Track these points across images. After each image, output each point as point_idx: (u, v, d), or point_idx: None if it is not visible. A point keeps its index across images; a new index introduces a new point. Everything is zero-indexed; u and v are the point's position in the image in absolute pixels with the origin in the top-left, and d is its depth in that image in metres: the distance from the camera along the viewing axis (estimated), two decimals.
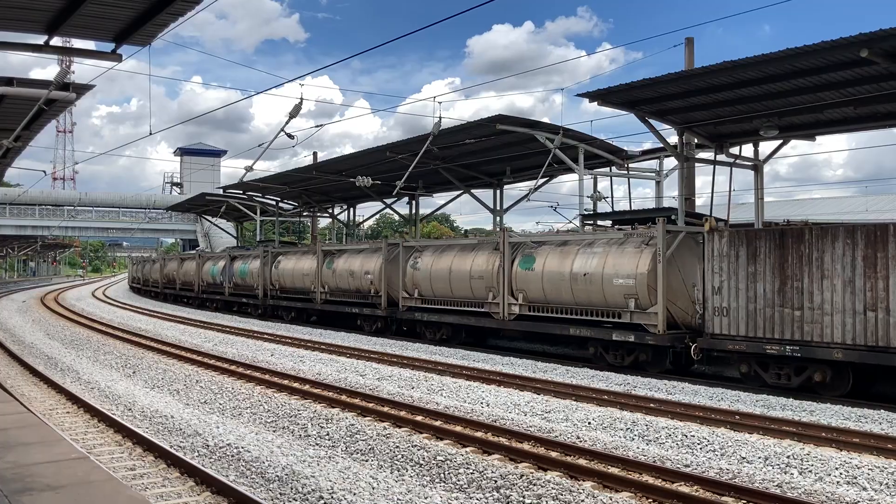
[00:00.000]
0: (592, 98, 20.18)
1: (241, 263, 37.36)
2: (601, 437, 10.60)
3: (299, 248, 33.63)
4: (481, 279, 21.28)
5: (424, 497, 7.97)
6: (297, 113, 25.89)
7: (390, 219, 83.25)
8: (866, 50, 14.70)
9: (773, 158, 23.27)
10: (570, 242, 19.39)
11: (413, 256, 24.35)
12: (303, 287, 31.01)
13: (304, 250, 32.20)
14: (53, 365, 18.38)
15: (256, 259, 35.79)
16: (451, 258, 22.70)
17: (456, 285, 22.26)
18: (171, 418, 11.92)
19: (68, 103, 16.55)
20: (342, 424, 11.44)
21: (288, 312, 32.38)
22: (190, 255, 49.35)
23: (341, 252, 29.12)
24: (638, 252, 17.32)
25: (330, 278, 28.71)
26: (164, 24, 11.11)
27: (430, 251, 23.94)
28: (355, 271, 27.15)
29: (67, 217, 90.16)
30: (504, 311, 20.41)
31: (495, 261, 20.98)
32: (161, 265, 53.51)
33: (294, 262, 32.14)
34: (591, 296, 18.00)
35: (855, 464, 9.17)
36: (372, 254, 26.88)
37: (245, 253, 39.18)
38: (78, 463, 6.84)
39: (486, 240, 22.15)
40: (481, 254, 21.75)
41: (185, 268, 47.35)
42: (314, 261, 30.19)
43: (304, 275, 30.72)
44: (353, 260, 27.66)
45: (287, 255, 33.45)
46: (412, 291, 24.10)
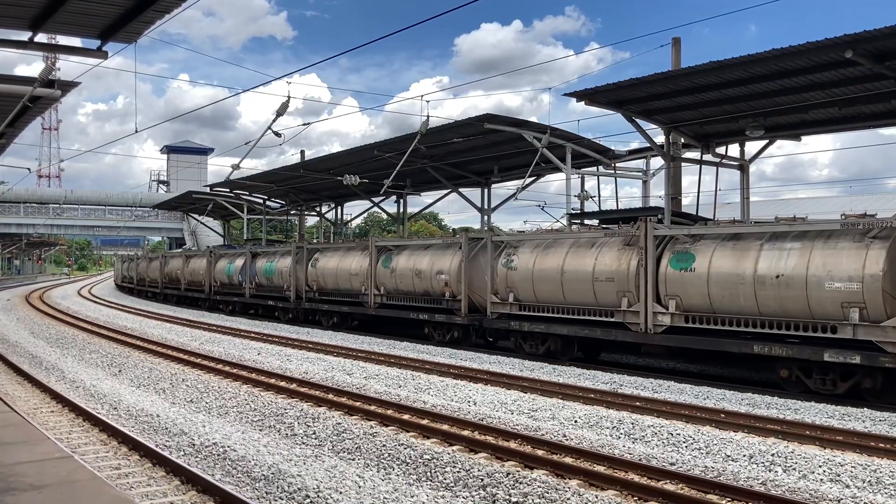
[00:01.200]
0: (580, 98, 20.26)
1: (267, 261, 33.01)
2: (587, 436, 10.63)
3: (343, 244, 29.52)
4: (610, 281, 17.24)
5: (411, 496, 7.97)
6: (285, 111, 25.84)
7: (378, 217, 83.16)
8: (851, 51, 14.84)
9: (759, 158, 23.44)
10: (746, 236, 15.33)
11: (505, 253, 20.32)
12: (349, 288, 26.81)
13: (350, 246, 28.28)
14: (38, 364, 18.25)
15: (287, 256, 31.44)
16: (562, 255, 18.55)
17: (571, 288, 18.13)
18: (157, 417, 11.86)
19: (53, 100, 16.42)
20: (329, 423, 11.43)
21: (328, 317, 28.21)
22: (197, 253, 44.89)
23: (402, 248, 24.96)
24: (861, 248, 13.34)
25: (387, 279, 24.60)
26: (151, 20, 11.03)
27: (530, 247, 19.82)
28: (423, 271, 23.11)
29: (53, 215, 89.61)
30: (647, 322, 16.33)
31: (630, 258, 16.92)
32: (161, 263, 48.57)
33: (338, 259, 27.81)
34: (785, 304, 14.12)
35: (838, 461, 9.24)
36: (445, 250, 22.93)
37: (269, 249, 35.27)
38: (62, 462, 6.80)
39: (620, 232, 17.79)
40: (608, 250, 17.66)
41: (192, 266, 42.60)
42: (365, 258, 26.00)
43: (353, 274, 26.45)
44: (420, 257, 23.64)
45: (328, 252, 29.10)
46: (505, 295, 19.94)
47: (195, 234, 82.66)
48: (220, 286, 38.15)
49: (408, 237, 24.54)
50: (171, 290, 46.20)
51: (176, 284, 45.03)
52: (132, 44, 12.16)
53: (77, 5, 10.52)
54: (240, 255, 36.71)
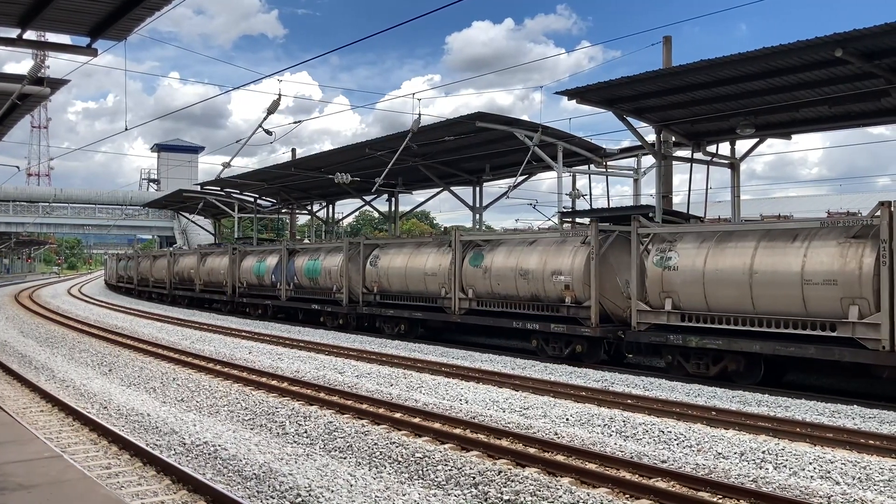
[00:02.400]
0: (571, 96, 20.28)
1: (310, 259, 29.09)
2: (579, 434, 10.64)
3: (412, 239, 25.93)
4: (830, 285, 13.39)
5: (402, 494, 7.97)
6: (276, 109, 25.76)
7: (370, 216, 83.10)
8: (841, 50, 14.90)
9: (749, 157, 23.52)
10: None
11: (657, 249, 16.32)
12: (421, 291, 23.14)
13: (422, 241, 24.78)
14: (27, 363, 18.16)
15: (336, 253, 27.80)
16: (749, 251, 14.66)
17: (765, 294, 14.29)
18: (148, 416, 11.82)
19: (42, 98, 16.35)
20: (320, 422, 11.41)
21: (393, 325, 24.31)
22: (216, 250, 39.94)
23: (497, 244, 21.19)
24: None
25: (478, 280, 20.90)
26: (140, 18, 10.99)
27: (695, 241, 15.86)
28: (531, 271, 19.21)
29: (42, 213, 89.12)
30: None
31: (862, 255, 13.18)
32: (170, 262, 43.98)
33: (405, 257, 24.12)
34: None
35: (829, 458, 9.28)
36: (561, 246, 19.00)
37: (311, 246, 31.78)
38: (51, 462, 6.76)
39: (840, 220, 14.56)
40: (822, 244, 13.75)
41: (210, 265, 37.97)
42: (444, 256, 22.47)
43: (427, 275, 22.76)
44: (525, 255, 19.68)
45: (391, 249, 25.30)
46: (659, 302, 16.09)
47: (186, 233, 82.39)
48: (247, 287, 34.02)
49: (505, 231, 20.05)
50: (182, 292, 41.70)
51: (188, 285, 40.76)
52: (122, 41, 12.13)
53: (66, 2, 10.48)
54: (272, 253, 32.92)
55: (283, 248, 31.54)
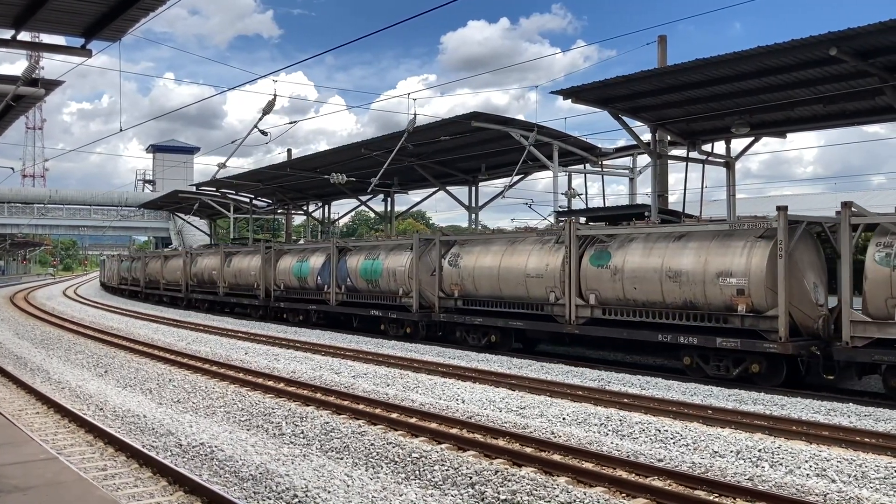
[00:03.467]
0: (566, 95, 20.30)
1: (367, 259, 25.60)
2: (576, 433, 10.65)
3: (504, 234, 21.76)
4: None
5: (399, 494, 7.96)
6: (271, 109, 25.74)
7: (366, 216, 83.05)
8: (835, 48, 14.94)
9: (744, 155, 23.58)
10: None
11: (882, 245, 13.25)
12: (520, 296, 19.49)
13: (517, 236, 20.89)
14: (23, 365, 18.11)
15: (401, 252, 24.25)
16: None
17: None
18: (144, 418, 11.80)
19: (37, 99, 16.29)
20: (317, 422, 11.40)
21: (479, 334, 20.73)
22: (244, 249, 36.43)
23: (627, 239, 17.30)
24: None
25: (604, 283, 17.27)
26: (135, 19, 10.97)
27: None
28: (685, 272, 15.61)
29: (37, 215, 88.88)
30: None
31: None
32: (187, 262, 40.61)
33: (496, 255, 20.43)
34: None
35: (824, 456, 9.30)
36: (727, 241, 15.42)
37: (366, 244, 27.68)
38: (47, 463, 6.75)
39: None
40: None
41: (237, 265, 34.63)
42: (551, 253, 18.83)
43: (528, 276, 19.19)
44: (672, 251, 16.09)
45: (474, 246, 21.57)
46: (888, 311, 12.99)
47: (181, 234, 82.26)
48: (284, 290, 30.57)
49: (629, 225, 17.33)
50: (201, 295, 38.53)
51: (209, 288, 37.69)
52: (117, 42, 12.09)
53: (61, 3, 10.45)
54: (317, 251, 29.39)
55: (332, 246, 27.60)
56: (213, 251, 39.11)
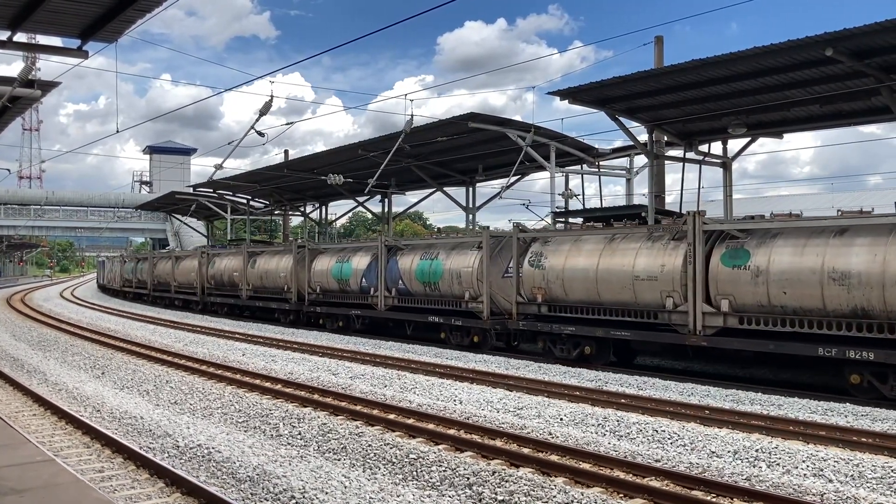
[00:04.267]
0: (563, 96, 20.30)
1: (424, 259, 23.07)
2: (573, 433, 10.66)
3: (598, 231, 18.63)
4: None
5: (397, 495, 7.96)
6: (268, 110, 25.76)
7: (363, 217, 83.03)
8: (831, 49, 14.95)
9: (741, 156, 23.60)
10: None
11: None
12: (626, 301, 16.85)
13: (615, 232, 17.90)
14: (20, 366, 18.08)
15: (465, 251, 21.74)
16: None
17: None
18: (141, 419, 11.79)
19: (33, 100, 16.26)
20: (314, 424, 11.39)
21: (572, 345, 18.03)
22: (270, 249, 34.19)
23: (768, 234, 14.86)
24: None
25: (741, 286, 14.77)
26: (131, 20, 10.96)
27: None
28: (853, 273, 13.24)
29: (34, 216, 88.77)
30: None
31: None
32: (202, 263, 38.28)
33: (592, 254, 17.66)
34: None
35: (821, 456, 9.31)
36: None
37: (419, 242, 25.22)
38: (44, 466, 6.74)
39: None
40: None
41: (263, 267, 32.19)
42: (666, 252, 16.22)
43: (639, 278, 16.43)
44: (834, 248, 13.63)
45: (562, 243, 18.77)
46: None
47: (179, 235, 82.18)
48: (321, 294, 28.07)
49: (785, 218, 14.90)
50: (220, 298, 36.15)
51: (229, 290, 35.35)
52: (113, 43, 12.08)
53: (57, 4, 10.44)
54: (361, 250, 26.67)
55: (379, 245, 24.95)
56: (235, 251, 36.53)
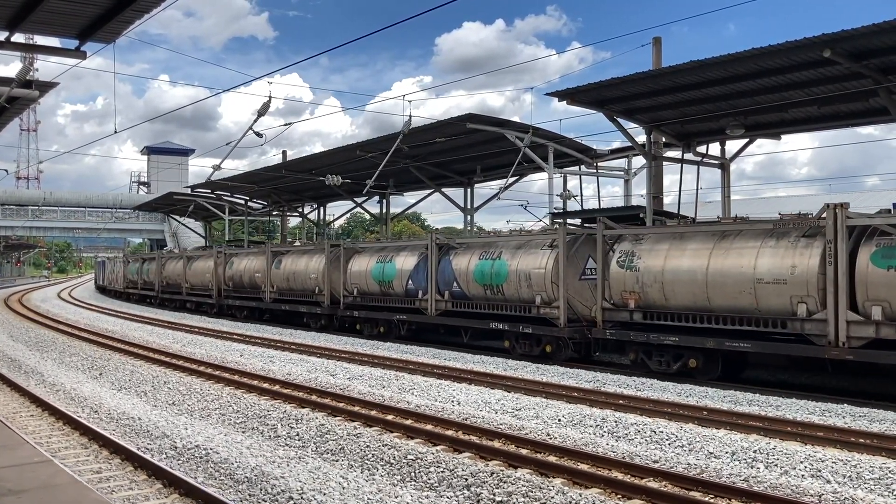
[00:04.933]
0: (562, 97, 20.31)
1: (483, 258, 20.73)
2: (571, 434, 10.66)
3: (706, 225, 16.78)
4: None
5: (395, 496, 7.96)
6: (266, 111, 25.74)
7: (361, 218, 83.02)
8: (829, 50, 14.96)
9: (739, 157, 23.61)
10: None
11: None
12: (743, 307, 14.74)
13: (725, 229, 15.86)
14: (17, 367, 18.06)
15: (534, 250, 19.38)
16: None
17: None
18: (139, 420, 11.77)
19: (31, 101, 16.26)
20: (312, 424, 11.38)
21: (672, 358, 15.94)
22: (298, 248, 31.88)
23: None
24: None
25: None
26: (129, 21, 10.95)
27: None
28: None
29: (32, 217, 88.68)
30: None
31: None
32: (219, 263, 36.02)
33: (699, 253, 15.51)
34: None
35: (819, 457, 9.32)
36: None
37: (478, 240, 22.61)
38: (41, 466, 6.73)
39: None
40: None
41: (289, 268, 29.94)
42: (800, 252, 14.14)
43: (762, 281, 14.41)
44: None
45: (660, 241, 16.53)
46: None
47: (176, 236, 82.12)
48: (359, 297, 25.74)
49: None
50: (238, 301, 33.96)
51: (249, 293, 33.21)
52: (111, 44, 12.07)
53: (55, 5, 10.43)
54: (406, 250, 24.27)
55: (430, 244, 22.77)
56: (256, 250, 34.50)
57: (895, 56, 15.47)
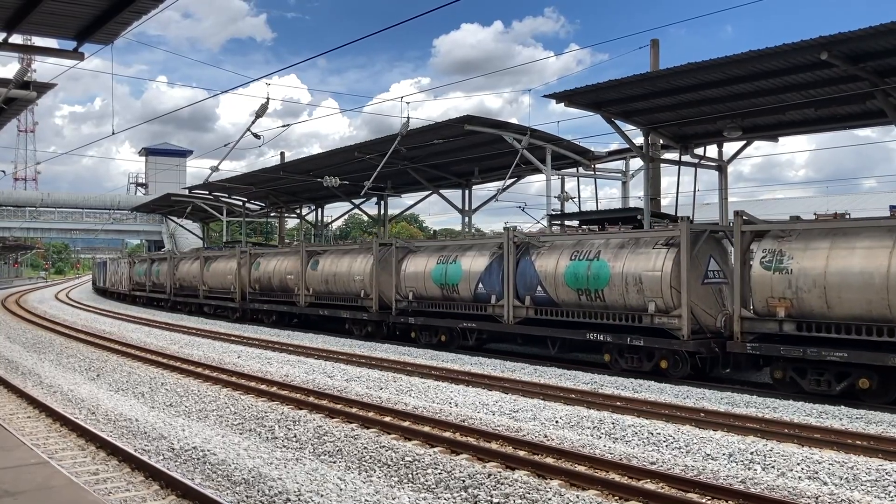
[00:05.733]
0: (559, 99, 20.34)
1: (575, 258, 17.78)
2: (568, 436, 10.66)
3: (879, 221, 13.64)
4: None
5: (392, 498, 7.96)
6: (264, 112, 25.75)
7: (359, 219, 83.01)
8: (826, 52, 15.00)
9: (736, 159, 23.64)
10: None
11: None
12: None
13: None
14: (14, 368, 18.03)
15: (645, 250, 16.70)
16: None
17: None
18: (136, 421, 11.76)
19: (29, 102, 16.26)
20: (310, 426, 11.38)
21: (833, 376, 13.55)
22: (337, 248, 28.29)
23: None
24: None
25: None
26: (127, 22, 10.96)
27: None
28: None
29: (29, 218, 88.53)
30: None
31: None
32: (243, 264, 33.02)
33: (878, 253, 12.96)
34: None
35: (816, 459, 9.33)
36: None
37: (559, 238, 19.31)
38: (38, 468, 6.73)
39: None
40: None
41: (328, 269, 26.78)
42: None
43: None
44: None
45: (815, 240, 13.86)
46: None
47: (174, 237, 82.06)
48: (415, 301, 22.74)
49: None
50: (267, 305, 30.94)
51: (279, 296, 30.15)
52: (109, 45, 12.07)
53: (52, 6, 10.44)
54: (474, 249, 21.18)
55: (506, 241, 19.65)
56: (289, 250, 31.49)
57: (892, 59, 15.51)
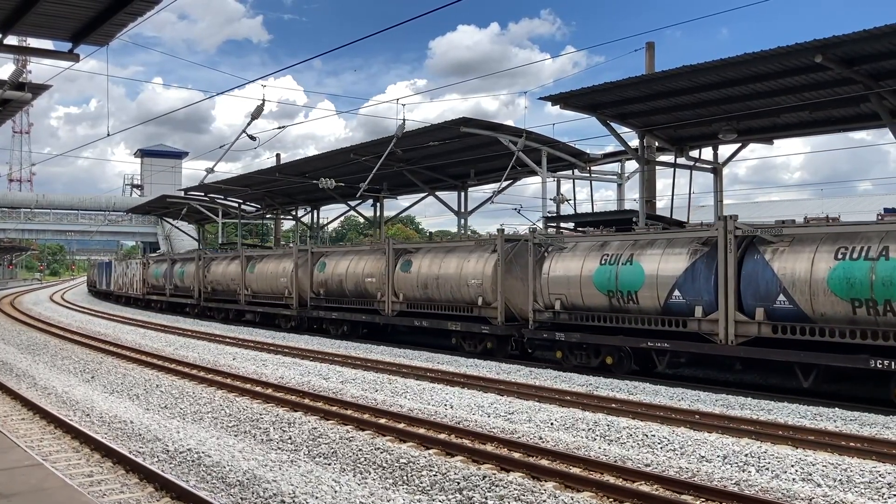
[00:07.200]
0: (555, 101, 20.38)
1: (836, 258, 13.03)
2: (563, 438, 10.67)
3: None
4: None
5: (387, 500, 7.96)
6: (260, 114, 25.72)
7: (355, 221, 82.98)
8: (820, 56, 15.06)
9: (732, 161, 23.69)
10: None
11: None
12: None
13: None
14: (8, 370, 17.98)
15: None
16: None
17: None
18: (131, 423, 11.74)
19: (24, 103, 16.22)
20: (305, 428, 11.37)
21: None
22: (441, 244, 23.55)
23: None
24: None
25: None
26: (123, 23, 10.95)
27: None
28: None
29: (24, 219, 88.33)
30: None
31: None
32: (301, 265, 28.61)
33: None
34: None
35: (810, 461, 9.35)
36: None
37: (808, 230, 13.96)
38: (32, 470, 6.71)
39: None
40: None
41: (423, 271, 22.41)
42: None
43: None
44: None
45: None
46: None
47: (170, 239, 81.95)
48: (563, 312, 17.93)
49: None
50: (336, 314, 26.03)
51: (355, 302, 25.59)
52: (104, 46, 12.06)
53: (48, 7, 10.43)
54: (657, 246, 16.26)
55: (723, 235, 14.81)
56: (366, 248, 26.63)
57: (886, 62, 15.58)
